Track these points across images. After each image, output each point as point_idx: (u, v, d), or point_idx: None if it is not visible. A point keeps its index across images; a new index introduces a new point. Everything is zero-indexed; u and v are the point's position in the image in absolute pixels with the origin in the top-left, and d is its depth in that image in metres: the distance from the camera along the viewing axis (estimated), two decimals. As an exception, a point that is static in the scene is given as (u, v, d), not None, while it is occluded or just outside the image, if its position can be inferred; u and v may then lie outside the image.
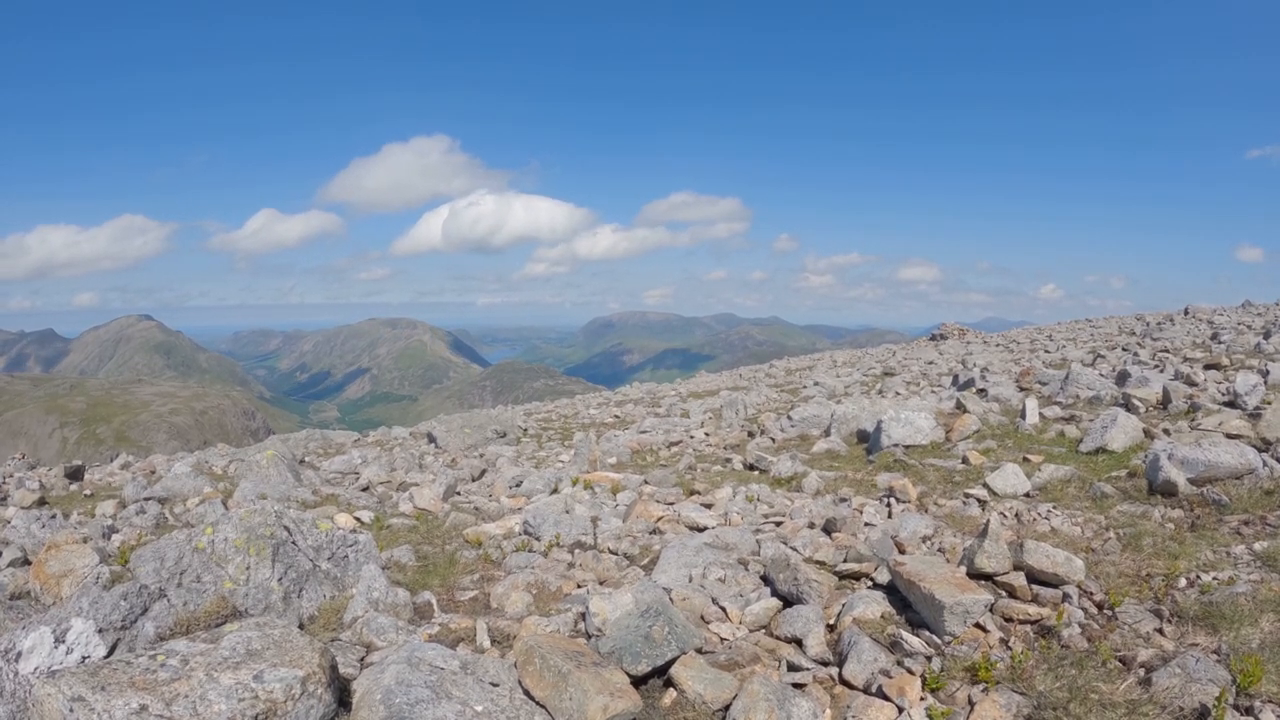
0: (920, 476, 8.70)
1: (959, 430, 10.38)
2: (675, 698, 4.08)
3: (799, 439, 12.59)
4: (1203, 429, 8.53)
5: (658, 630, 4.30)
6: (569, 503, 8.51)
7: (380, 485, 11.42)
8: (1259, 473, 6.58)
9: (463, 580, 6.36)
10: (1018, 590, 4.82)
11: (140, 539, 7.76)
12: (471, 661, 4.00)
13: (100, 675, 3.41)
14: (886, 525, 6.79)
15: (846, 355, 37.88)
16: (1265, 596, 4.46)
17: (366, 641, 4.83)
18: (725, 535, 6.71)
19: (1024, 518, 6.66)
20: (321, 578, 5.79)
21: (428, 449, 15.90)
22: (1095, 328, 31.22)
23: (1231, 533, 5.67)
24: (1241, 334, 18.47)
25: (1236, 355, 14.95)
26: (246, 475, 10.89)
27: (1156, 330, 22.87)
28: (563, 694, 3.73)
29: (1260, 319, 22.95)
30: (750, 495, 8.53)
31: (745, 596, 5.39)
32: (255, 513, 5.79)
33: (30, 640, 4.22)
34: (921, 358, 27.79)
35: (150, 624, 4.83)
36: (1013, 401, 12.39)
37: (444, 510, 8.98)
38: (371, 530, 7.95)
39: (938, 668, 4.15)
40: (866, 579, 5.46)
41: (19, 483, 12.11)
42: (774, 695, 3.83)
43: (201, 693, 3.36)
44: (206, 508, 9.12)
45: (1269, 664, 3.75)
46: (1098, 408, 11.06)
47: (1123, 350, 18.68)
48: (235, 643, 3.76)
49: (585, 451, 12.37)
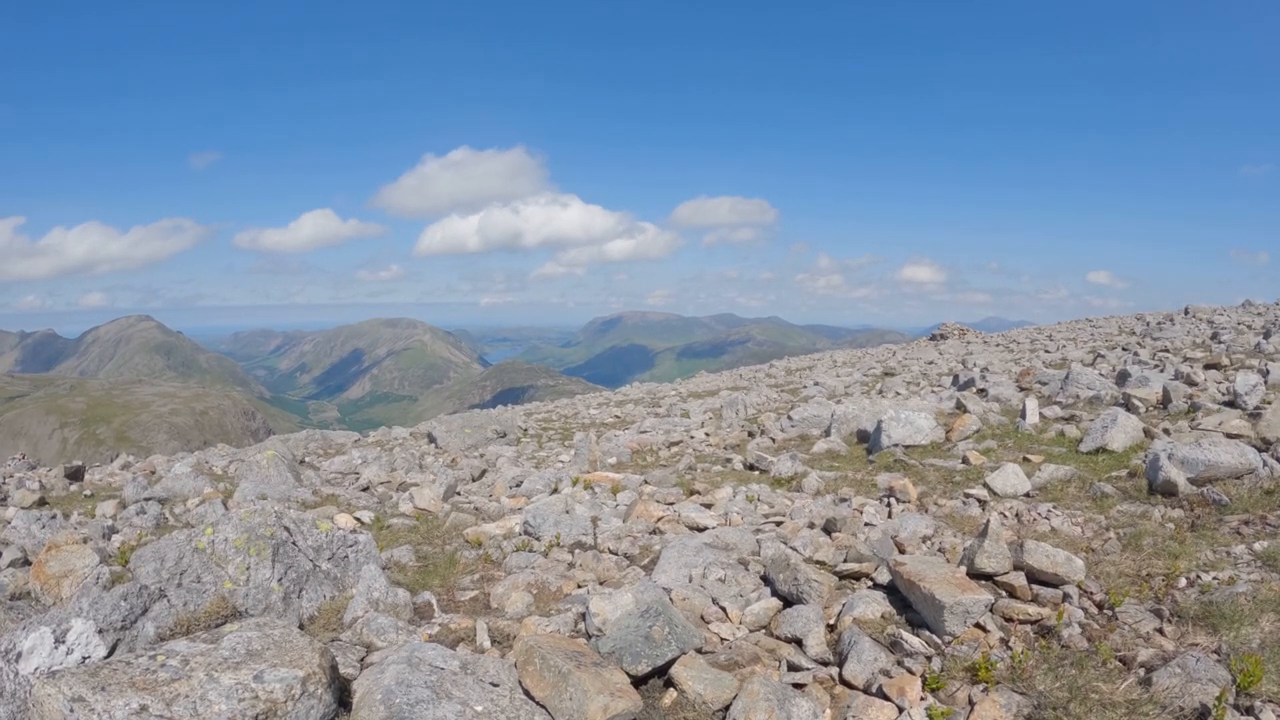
0: (920, 476, 8.70)
1: (959, 430, 10.38)
2: (675, 698, 4.08)
3: (799, 439, 12.59)
4: (1203, 429, 8.53)
5: (658, 630, 4.30)
6: (569, 503, 8.50)
7: (380, 485, 11.42)
8: (1259, 472, 6.58)
9: (463, 580, 6.36)
10: (1018, 590, 4.82)
11: (140, 539, 7.76)
12: (471, 661, 4.01)
13: (100, 676, 3.41)
14: (886, 525, 6.79)
15: (846, 355, 37.88)
16: (1265, 596, 4.46)
17: (366, 642, 4.83)
18: (725, 535, 6.71)
19: (1024, 518, 6.66)
20: (321, 578, 5.79)
21: (428, 449, 15.90)
22: (1095, 327, 31.22)
23: (1231, 532, 5.67)
24: (1241, 334, 18.48)
25: (1236, 355, 14.95)
26: (247, 475, 10.90)
27: (1156, 330, 22.87)
28: (563, 694, 3.73)
29: (1260, 319, 22.95)
30: (750, 495, 8.53)
31: (745, 596, 5.39)
32: (255, 513, 5.80)
33: (30, 640, 4.22)
34: (921, 358, 27.79)
35: (150, 624, 4.83)
36: (1013, 401, 12.40)
37: (444, 510, 8.98)
38: (371, 530, 7.95)
39: (938, 668, 4.15)
40: (867, 579, 5.46)
41: (19, 483, 12.12)
42: (774, 695, 3.83)
43: (202, 693, 3.36)
44: (207, 508, 9.12)
45: (1269, 664, 3.75)
46: (1098, 407, 11.06)
47: (1123, 350, 18.68)
48: (235, 643, 3.77)
49: (585, 451, 12.37)
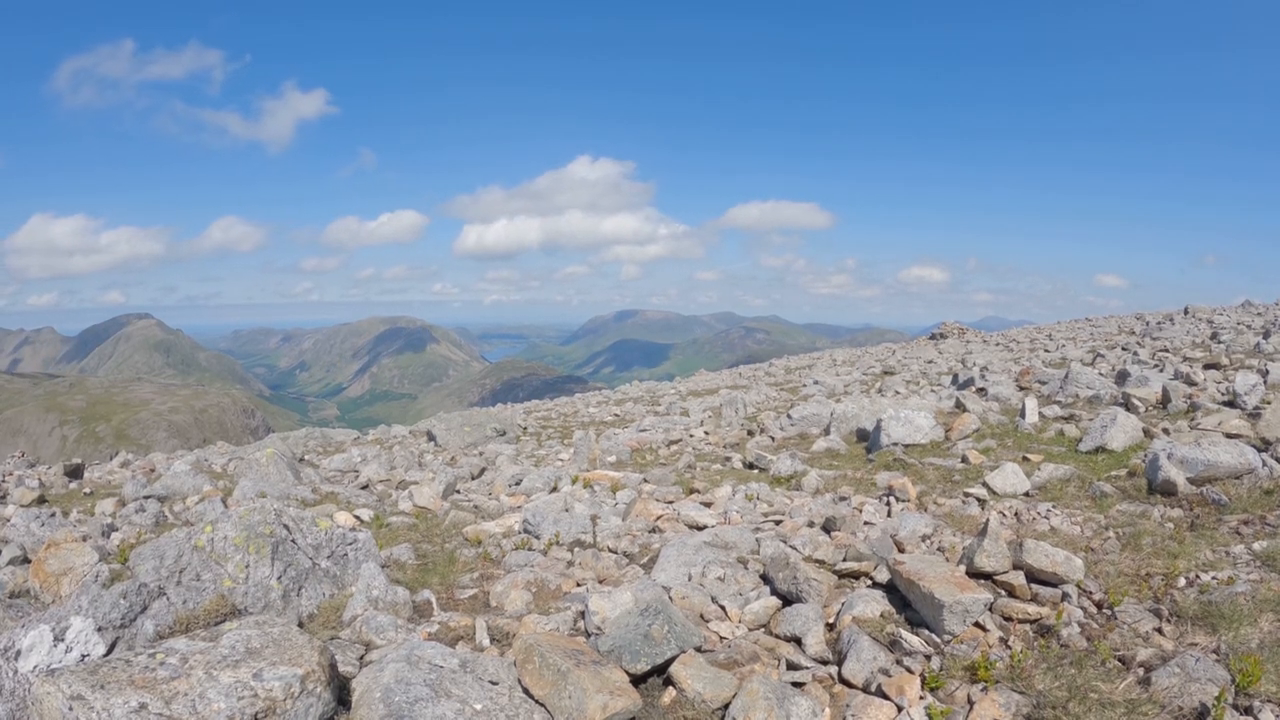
0: (920, 475, 8.70)
1: (959, 429, 10.38)
2: (675, 696, 4.08)
3: (798, 438, 12.59)
4: (1202, 428, 8.53)
5: (657, 629, 4.30)
6: (568, 501, 8.50)
7: (380, 483, 11.43)
8: (1258, 472, 6.58)
9: (462, 578, 6.35)
10: (1017, 589, 4.82)
11: (140, 537, 7.76)
12: (471, 660, 4.01)
13: (99, 674, 3.41)
14: (886, 524, 6.79)
15: (846, 354, 37.90)
16: (1264, 596, 4.47)
17: (366, 640, 4.83)
18: (725, 534, 6.70)
19: (1023, 517, 6.66)
20: (321, 576, 5.79)
21: (427, 447, 15.91)
22: (1095, 327, 31.25)
23: (1231, 532, 5.67)
24: (1241, 334, 18.49)
25: (1236, 355, 14.96)
26: (246, 473, 10.90)
27: (1156, 330, 22.88)
28: (562, 692, 3.73)
29: (1260, 319, 22.96)
30: (750, 494, 8.52)
31: (745, 595, 5.39)
32: (255, 511, 5.80)
33: (30, 638, 4.22)
34: (921, 357, 27.81)
35: (150, 622, 4.83)
36: (1012, 401, 12.40)
37: (443, 508, 8.98)
38: (371, 528, 7.94)
39: (937, 667, 4.16)
40: (866, 578, 5.46)
41: (18, 481, 12.13)
42: (773, 694, 3.83)
43: (201, 691, 3.36)
44: (206, 506, 9.12)
45: (1268, 664, 3.76)
46: (1097, 407, 11.06)
47: (1122, 350, 18.69)
48: (234, 641, 3.76)
49: (585, 450, 12.37)
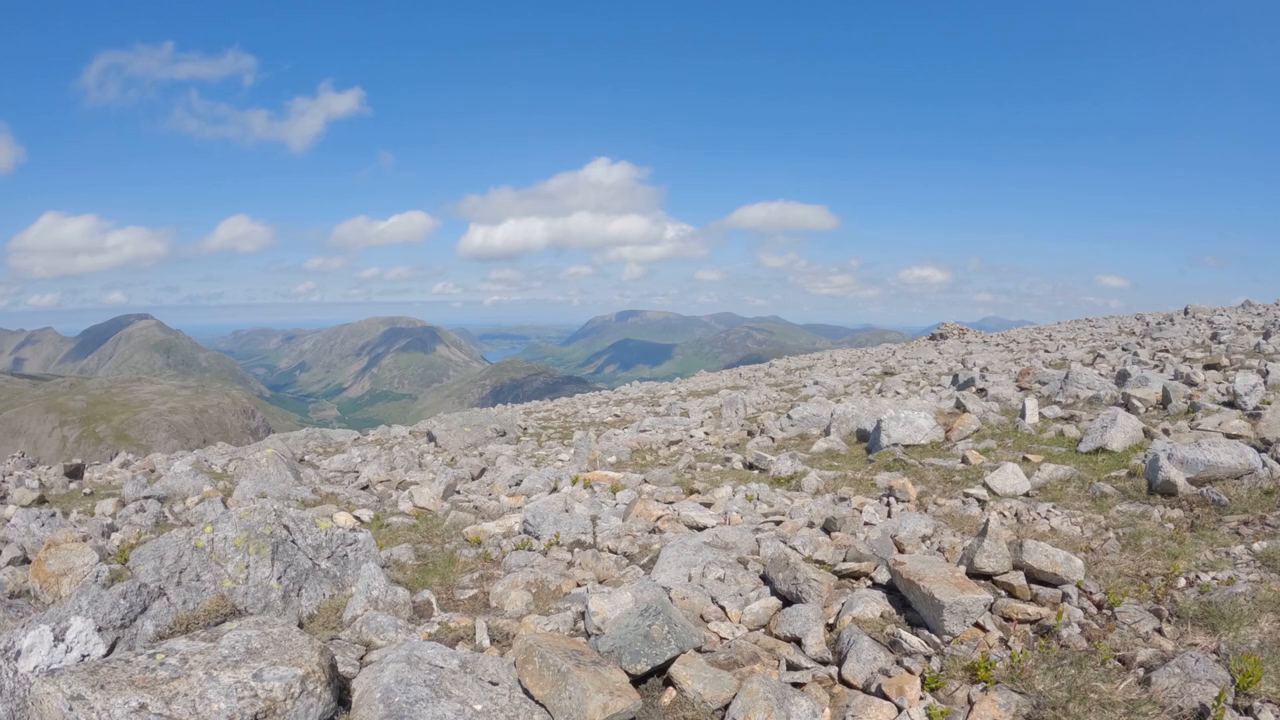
0: (920, 476, 8.70)
1: (959, 430, 10.38)
2: (674, 697, 4.09)
3: (799, 438, 12.59)
4: (1202, 429, 8.54)
5: (657, 629, 4.30)
6: (569, 501, 8.50)
7: (380, 484, 11.42)
8: (1258, 473, 6.58)
9: (462, 579, 6.36)
10: (1017, 590, 4.82)
11: (140, 538, 7.76)
12: (471, 660, 4.01)
13: (99, 674, 3.41)
14: (886, 524, 6.79)
15: (846, 355, 37.90)
16: (1264, 596, 4.47)
17: (366, 640, 4.84)
18: (725, 534, 6.71)
19: (1023, 517, 6.66)
20: (321, 576, 5.79)
21: (427, 448, 15.90)
22: (1095, 327, 31.25)
23: (1231, 533, 5.67)
24: (1241, 334, 18.49)
25: (1236, 355, 14.96)
26: (246, 474, 10.90)
27: (1156, 330, 22.88)
28: (562, 693, 3.73)
29: (1260, 319, 22.97)
30: (750, 494, 8.52)
31: (745, 595, 5.39)
32: (255, 511, 5.80)
33: (30, 639, 4.22)
34: (921, 357, 27.80)
35: (150, 622, 4.83)
36: (1012, 401, 12.40)
37: (443, 509, 8.98)
38: (371, 529, 7.95)
39: (937, 667, 4.16)
40: (866, 578, 5.46)
41: (18, 481, 12.12)
42: (773, 694, 3.83)
43: (201, 691, 3.36)
44: (206, 506, 9.12)
45: (1268, 664, 3.76)
46: (1097, 407, 11.07)
47: (1122, 350, 18.68)
48: (234, 641, 3.77)
49: (585, 450, 12.37)
